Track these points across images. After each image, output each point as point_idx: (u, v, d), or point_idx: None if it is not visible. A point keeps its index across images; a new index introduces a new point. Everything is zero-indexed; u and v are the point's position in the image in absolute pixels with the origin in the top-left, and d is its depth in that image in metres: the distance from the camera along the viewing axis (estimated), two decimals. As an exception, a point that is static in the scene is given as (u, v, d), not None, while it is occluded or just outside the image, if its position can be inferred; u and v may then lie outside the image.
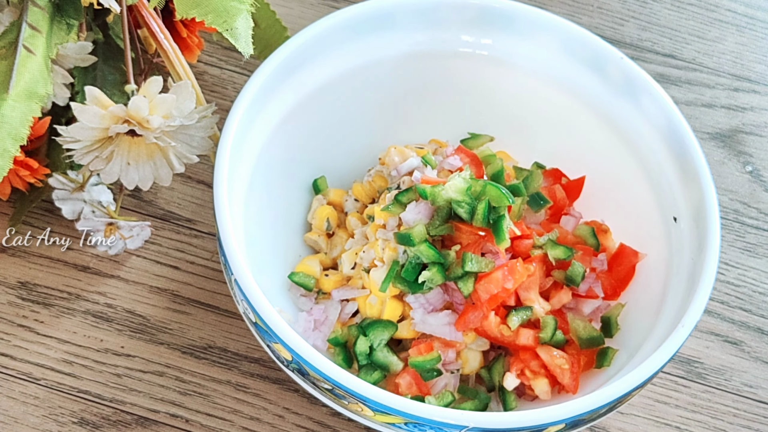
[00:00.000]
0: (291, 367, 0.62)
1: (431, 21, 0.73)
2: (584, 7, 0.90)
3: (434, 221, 0.66)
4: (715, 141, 0.83)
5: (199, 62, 0.82)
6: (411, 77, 0.75)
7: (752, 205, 0.81)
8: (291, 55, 0.69)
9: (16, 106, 0.62)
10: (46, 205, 0.73)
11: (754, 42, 0.89)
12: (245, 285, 0.61)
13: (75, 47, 0.68)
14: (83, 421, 0.67)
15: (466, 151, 0.72)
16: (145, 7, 0.68)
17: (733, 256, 0.78)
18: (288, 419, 0.68)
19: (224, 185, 0.64)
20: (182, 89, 0.65)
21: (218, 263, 0.73)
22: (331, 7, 0.87)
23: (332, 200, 0.73)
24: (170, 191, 0.76)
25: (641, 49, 0.88)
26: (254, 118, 0.68)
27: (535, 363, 0.66)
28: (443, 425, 0.58)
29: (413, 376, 0.66)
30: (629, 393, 0.60)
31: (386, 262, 0.66)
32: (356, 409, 0.60)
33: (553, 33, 0.72)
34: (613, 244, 0.71)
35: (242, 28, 0.65)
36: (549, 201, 0.71)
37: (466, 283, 0.64)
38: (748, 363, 0.73)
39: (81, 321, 0.70)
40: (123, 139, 0.65)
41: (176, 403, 0.68)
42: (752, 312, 0.76)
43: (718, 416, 0.71)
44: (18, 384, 0.68)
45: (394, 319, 0.67)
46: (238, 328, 0.71)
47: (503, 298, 0.65)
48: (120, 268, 0.73)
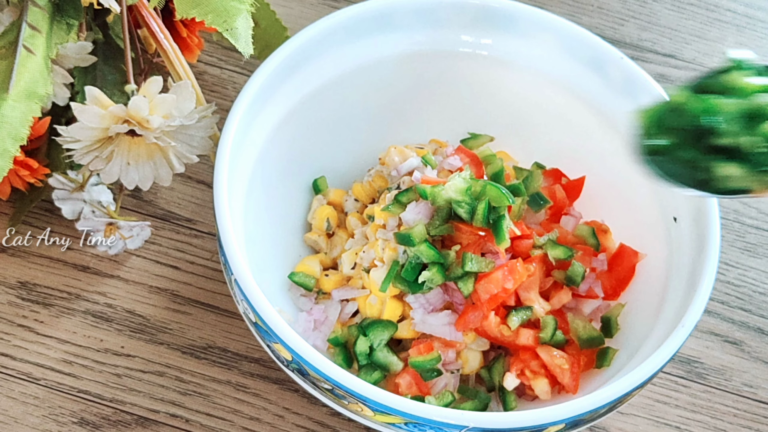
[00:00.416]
0: (291, 367, 0.62)
1: (431, 21, 0.73)
2: (584, 7, 0.90)
3: (434, 221, 0.66)
4: (715, 141, 0.83)
5: (199, 62, 0.82)
6: (411, 77, 0.75)
7: (752, 205, 0.81)
8: (291, 55, 0.69)
9: (16, 106, 0.62)
10: (46, 205, 0.73)
11: (754, 42, 0.89)
12: (245, 285, 0.61)
13: (75, 47, 0.68)
14: (83, 421, 0.67)
15: (466, 151, 0.72)
16: (145, 7, 0.68)
17: (733, 256, 0.78)
18: (288, 419, 0.68)
19: (224, 185, 0.64)
20: (182, 89, 0.65)
21: (218, 263, 0.73)
22: (331, 7, 0.87)
23: (332, 200, 0.73)
24: (170, 191, 0.76)
25: (641, 49, 0.88)
26: (254, 118, 0.68)
27: (535, 363, 0.66)
28: (443, 425, 0.58)
29: (413, 376, 0.66)
30: (629, 393, 0.60)
31: (386, 262, 0.66)
32: (356, 409, 0.60)
33: (553, 33, 0.72)
34: (613, 244, 0.71)
35: (242, 28, 0.65)
36: (549, 201, 0.71)
37: (466, 283, 0.64)
38: (748, 363, 0.73)
39: (81, 321, 0.70)
40: (123, 139, 0.65)
41: (176, 403, 0.68)
42: (752, 312, 0.76)
43: (718, 416, 0.71)
44: (18, 384, 0.68)
45: (394, 319, 0.67)
46: (238, 328, 0.71)
47: (503, 298, 0.65)
48: (120, 268, 0.73)
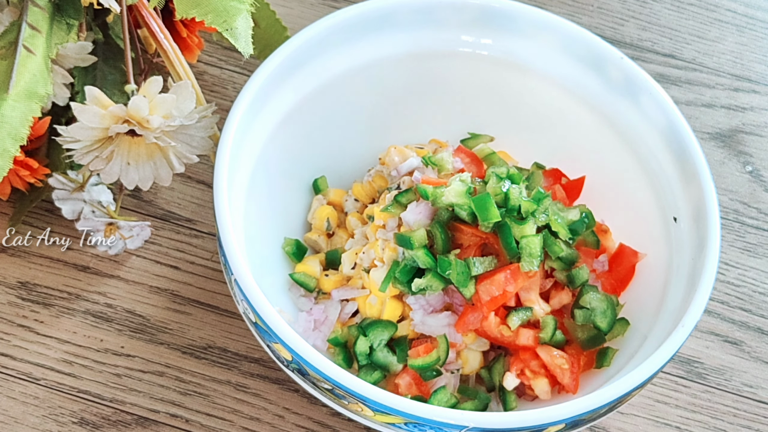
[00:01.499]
0: (291, 367, 0.62)
1: (431, 21, 0.73)
2: (584, 7, 0.90)
3: (436, 225, 0.66)
4: (715, 141, 0.83)
5: (199, 62, 0.82)
6: (411, 77, 0.75)
7: (752, 205, 0.81)
8: (291, 55, 0.69)
9: (16, 106, 0.62)
10: (46, 205, 0.73)
11: (754, 42, 0.89)
12: (245, 285, 0.61)
13: (75, 47, 0.68)
14: (83, 421, 0.67)
15: (466, 151, 0.72)
16: (145, 7, 0.68)
17: (733, 256, 0.78)
18: (288, 419, 0.68)
19: (224, 185, 0.64)
20: (182, 89, 0.65)
21: (218, 263, 0.73)
22: (331, 7, 0.87)
23: (332, 200, 0.73)
24: (170, 191, 0.76)
25: (641, 49, 0.88)
26: (254, 118, 0.68)
27: (535, 363, 0.66)
28: (443, 425, 0.58)
29: (413, 377, 0.66)
30: (629, 393, 0.60)
31: (386, 262, 0.66)
32: (356, 409, 0.60)
33: (553, 33, 0.72)
34: (613, 244, 0.71)
35: (242, 28, 0.65)
36: (549, 201, 0.71)
37: (468, 286, 0.64)
38: (748, 363, 0.73)
39: (81, 321, 0.70)
40: (123, 139, 0.65)
41: (176, 403, 0.68)
42: (752, 312, 0.76)
43: (718, 416, 0.71)
44: (18, 384, 0.68)
45: (394, 319, 0.67)
46: (238, 328, 0.71)
47: (504, 301, 0.65)
48: (120, 268, 0.73)
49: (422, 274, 0.65)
